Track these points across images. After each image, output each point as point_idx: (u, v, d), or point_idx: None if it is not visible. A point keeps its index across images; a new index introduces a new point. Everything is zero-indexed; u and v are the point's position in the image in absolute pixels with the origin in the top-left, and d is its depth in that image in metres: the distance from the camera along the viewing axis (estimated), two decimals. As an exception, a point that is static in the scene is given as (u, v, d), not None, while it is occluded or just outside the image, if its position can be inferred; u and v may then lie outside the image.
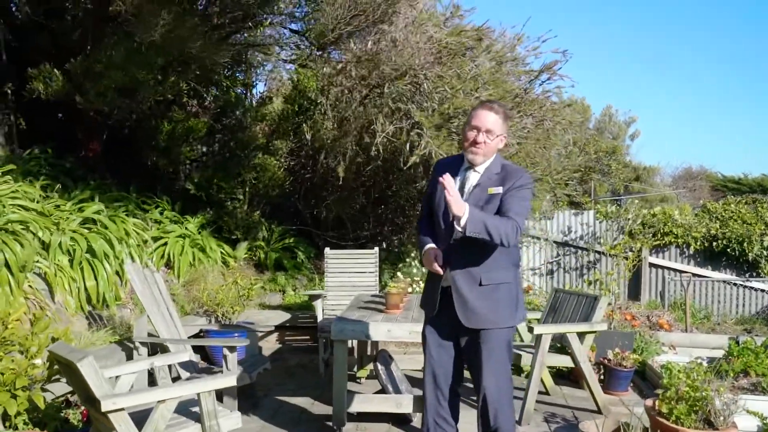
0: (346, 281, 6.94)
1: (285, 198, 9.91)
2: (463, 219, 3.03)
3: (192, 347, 5.43)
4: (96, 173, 8.15)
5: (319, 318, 6.62)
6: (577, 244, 10.71)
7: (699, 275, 10.11)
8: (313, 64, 7.65)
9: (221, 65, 8.76)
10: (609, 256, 10.30)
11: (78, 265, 6.05)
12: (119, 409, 3.06)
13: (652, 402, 4.06)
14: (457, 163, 3.44)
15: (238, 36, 8.16)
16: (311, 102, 9.00)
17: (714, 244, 10.07)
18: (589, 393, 5.23)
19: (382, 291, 6.03)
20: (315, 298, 6.69)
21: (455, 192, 3.07)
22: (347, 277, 6.95)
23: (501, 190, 3.27)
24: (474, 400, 3.61)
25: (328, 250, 7.03)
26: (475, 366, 3.39)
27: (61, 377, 3.67)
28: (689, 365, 4.99)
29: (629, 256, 10.05)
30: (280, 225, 9.45)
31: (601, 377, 5.90)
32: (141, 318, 5.24)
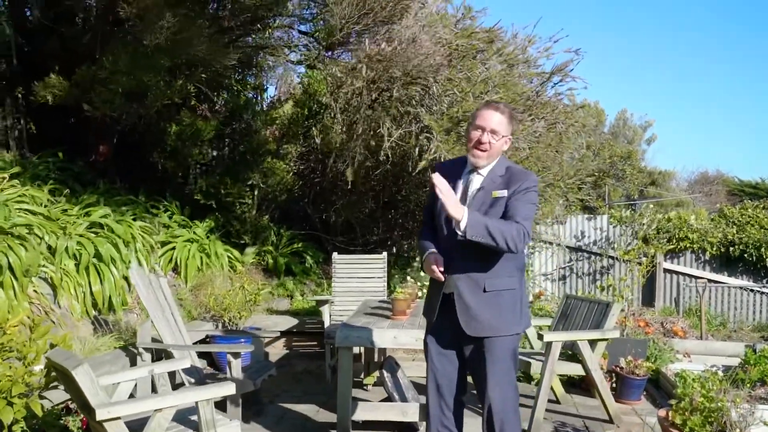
0: (354, 286, 6.86)
1: (294, 202, 9.85)
2: (462, 222, 2.92)
3: (198, 353, 5.39)
4: (105, 177, 8.13)
5: (326, 324, 6.54)
6: (590, 249, 10.58)
7: (715, 281, 9.94)
8: (321, 65, 7.59)
9: (231, 68, 8.75)
10: (622, 261, 10.15)
11: (84, 270, 6.01)
12: (115, 418, 3.00)
13: (665, 412, 3.94)
14: (460, 166, 3.33)
15: (249, 39, 8.14)
16: (321, 105, 8.94)
17: (730, 249, 9.91)
18: (601, 402, 5.11)
19: (390, 296, 5.95)
20: (322, 303, 6.62)
21: (448, 191, 2.94)
22: (355, 283, 6.87)
23: (506, 193, 3.15)
24: (478, 407, 3.50)
25: (335, 254, 6.95)
26: (480, 376, 3.28)
27: (60, 384, 3.61)
28: (704, 374, 4.87)
29: (643, 261, 9.90)
30: (289, 229, 9.40)
31: (614, 385, 5.77)
32: (145, 323, 5.19)
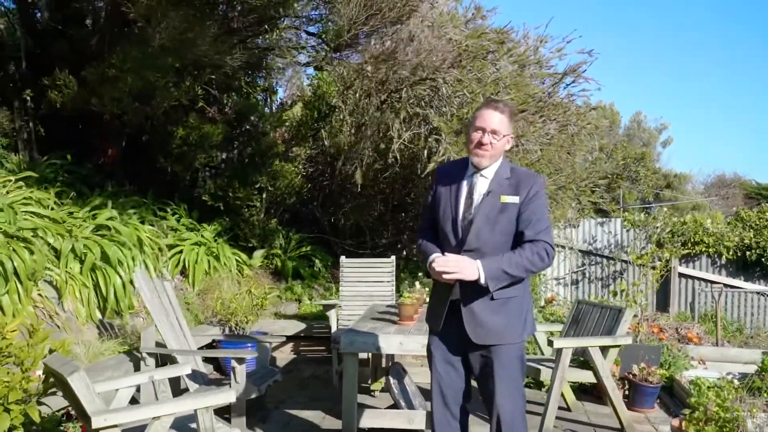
0: (361, 291, 6.77)
1: (303, 205, 9.79)
2: (482, 280, 2.93)
3: (204, 358, 5.32)
4: (113, 180, 8.11)
5: (333, 328, 6.47)
6: (603, 253, 10.43)
7: (731, 286, 9.76)
8: (329, 66, 7.52)
9: (241, 70, 8.70)
10: (636, 265, 9.99)
11: (90, 273, 5.97)
12: (111, 426, 2.92)
13: (678, 422, 3.83)
14: (461, 168, 3.22)
15: (258, 41, 8.07)
16: (330, 108, 8.88)
17: (747, 253, 9.73)
18: (612, 410, 4.98)
19: (398, 301, 5.86)
20: (329, 307, 6.54)
21: (456, 264, 2.95)
22: (363, 287, 6.78)
23: (516, 199, 3.06)
24: (481, 413, 3.40)
25: (343, 258, 6.87)
26: (487, 384, 3.18)
27: (59, 390, 3.55)
28: (719, 382, 4.74)
29: (657, 265, 9.73)
30: (298, 233, 9.33)
31: (626, 393, 5.66)
32: (149, 328, 5.13)
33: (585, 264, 10.55)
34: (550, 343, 4.80)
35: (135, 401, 5.13)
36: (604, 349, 4.93)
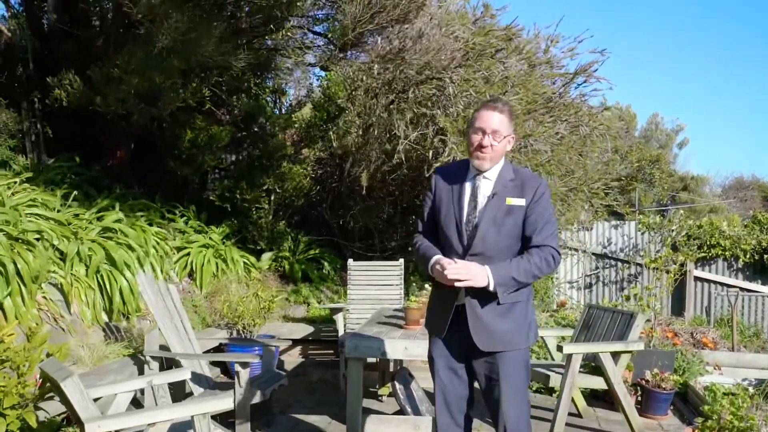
0: (370, 294, 6.69)
1: (312, 207, 9.72)
2: (491, 287, 2.85)
3: (211, 361, 5.25)
4: (122, 182, 8.09)
5: (340, 332, 6.39)
6: (617, 256, 10.28)
7: (748, 290, 9.58)
8: (335, 66, 7.45)
9: (250, 72, 8.65)
10: (650, 269, 9.83)
11: (95, 275, 5.93)
12: (105, 433, 2.86)
13: (691, 431, 3.70)
14: (461, 170, 3.12)
15: (268, 42, 8.02)
16: (339, 109, 8.80)
17: (765, 256, 9.55)
18: (624, 417, 4.86)
19: (404, 305, 5.77)
20: (336, 311, 6.46)
21: (466, 270, 2.84)
22: (371, 290, 6.70)
23: (522, 202, 2.97)
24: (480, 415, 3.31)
25: (350, 261, 6.79)
26: (493, 391, 3.07)
27: (56, 395, 3.50)
28: (734, 388, 4.61)
29: (673, 269, 9.56)
30: (307, 235, 9.26)
31: (639, 399, 5.52)
32: (152, 331, 5.08)
33: (599, 267, 10.40)
34: (559, 349, 4.67)
35: (139, 405, 5.10)
36: (615, 355, 4.81)
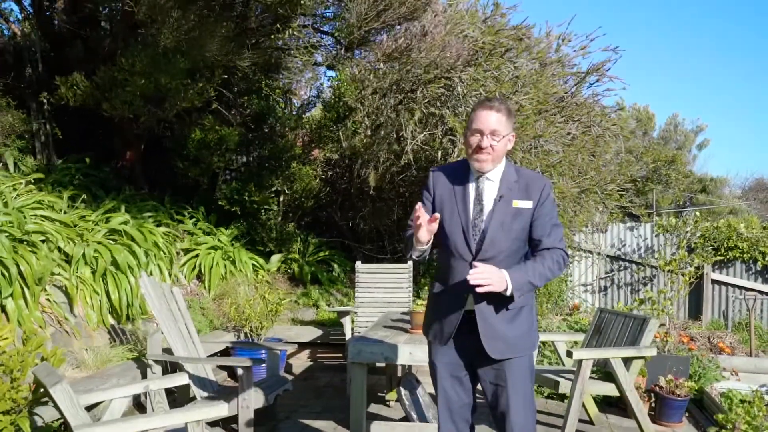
0: (378, 297, 6.60)
1: (322, 209, 9.63)
2: (509, 291, 2.76)
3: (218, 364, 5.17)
4: (132, 183, 8.06)
5: (347, 335, 6.30)
6: (632, 258, 10.09)
7: (766, 293, 9.35)
8: (340, 65, 7.36)
9: (261, 73, 8.58)
10: (665, 272, 9.64)
11: (101, 278, 5.88)
12: (95, 440, 2.79)
13: (705, 441, 3.57)
14: (462, 171, 3.01)
15: (279, 42, 7.94)
16: (348, 109, 8.71)
17: (784, 259, 9.34)
18: (637, 424, 4.73)
19: (410, 308, 5.67)
20: (343, 314, 6.37)
21: (489, 273, 2.69)
22: (380, 293, 6.61)
23: (529, 204, 2.89)
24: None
25: (358, 263, 6.70)
26: (500, 398, 2.96)
27: (50, 401, 3.44)
28: (750, 396, 4.47)
29: (688, 272, 9.37)
30: (317, 237, 9.18)
31: (653, 405, 5.38)
32: (155, 334, 5.01)
33: (613, 270, 10.23)
34: (569, 354, 4.54)
35: (144, 409, 5.04)
36: (627, 361, 4.68)
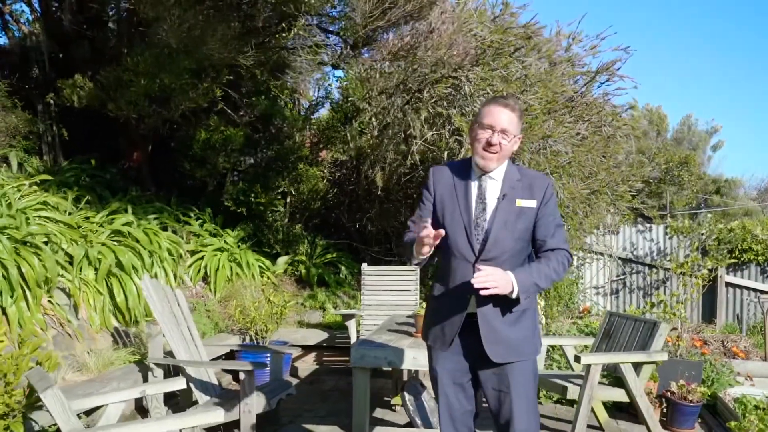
0: (384, 300, 6.50)
1: (330, 210, 9.56)
2: (515, 293, 2.67)
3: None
4: (138, 184, 8.02)
5: (352, 339, 6.23)
6: (644, 260, 9.95)
7: (782, 296, 9.19)
8: (346, 65, 7.29)
9: (268, 73, 8.52)
10: (677, 274, 9.48)
11: (104, 280, 5.83)
12: (87, 447, 2.73)
13: (717, 450, 3.45)
14: (463, 169, 2.92)
15: (289, 42, 7.89)
16: (356, 109, 8.64)
17: (800, 262, 9.18)
18: (647, 431, 4.61)
19: (414, 312, 5.57)
20: (348, 317, 6.29)
21: (493, 276, 2.60)
22: (386, 296, 6.52)
23: (533, 203, 2.81)
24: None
25: (364, 265, 6.62)
26: (503, 403, 2.87)
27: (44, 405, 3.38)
28: (764, 402, 4.35)
29: (698, 274, 9.21)
30: (324, 239, 9.10)
31: (665, 411, 5.26)
32: (156, 337, 4.95)
33: (625, 273, 10.09)
34: (577, 359, 4.43)
35: (146, 413, 4.98)
36: (637, 366, 4.56)
